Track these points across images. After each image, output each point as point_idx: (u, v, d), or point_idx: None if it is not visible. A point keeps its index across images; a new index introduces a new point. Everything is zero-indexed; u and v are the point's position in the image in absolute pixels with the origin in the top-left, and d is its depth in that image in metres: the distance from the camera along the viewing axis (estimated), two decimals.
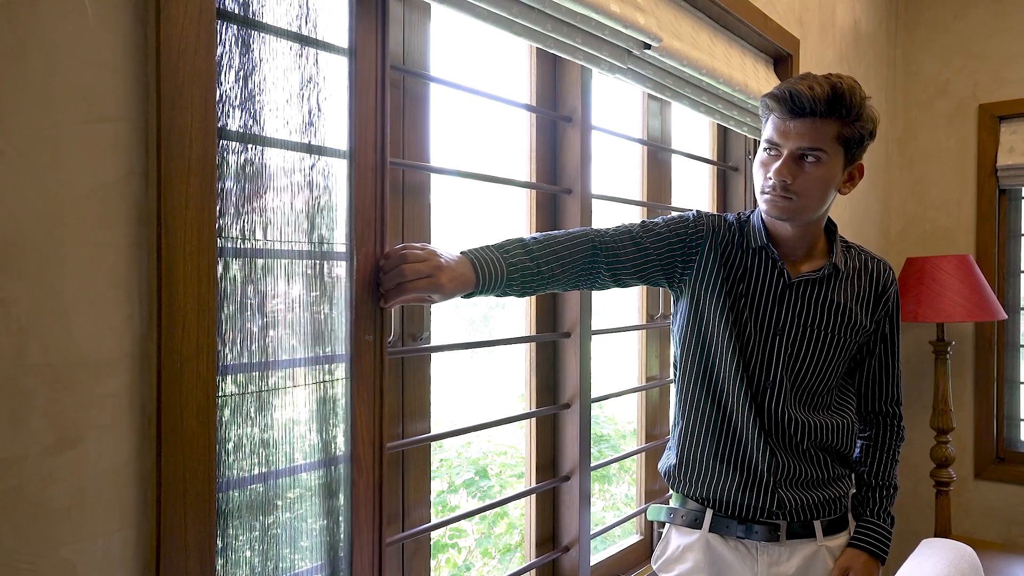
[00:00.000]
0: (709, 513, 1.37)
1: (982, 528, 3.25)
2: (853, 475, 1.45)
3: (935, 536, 2.83)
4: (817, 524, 1.35)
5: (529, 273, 1.19)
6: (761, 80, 2.11)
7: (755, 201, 1.40)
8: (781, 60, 2.34)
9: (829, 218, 1.39)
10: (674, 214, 1.42)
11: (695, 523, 1.38)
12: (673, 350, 1.47)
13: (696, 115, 1.96)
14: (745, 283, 1.35)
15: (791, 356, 1.33)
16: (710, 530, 1.37)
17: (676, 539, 1.41)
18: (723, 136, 2.36)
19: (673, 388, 1.51)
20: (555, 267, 1.22)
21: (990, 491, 3.25)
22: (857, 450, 1.47)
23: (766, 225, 1.35)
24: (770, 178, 1.26)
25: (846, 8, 2.83)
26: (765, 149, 1.29)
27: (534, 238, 1.24)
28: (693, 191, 2.32)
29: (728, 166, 2.34)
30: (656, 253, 1.33)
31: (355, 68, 1.10)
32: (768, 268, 1.35)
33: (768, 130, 1.28)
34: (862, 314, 1.37)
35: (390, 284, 1.09)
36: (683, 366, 1.41)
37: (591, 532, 1.67)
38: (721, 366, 1.35)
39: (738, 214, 1.42)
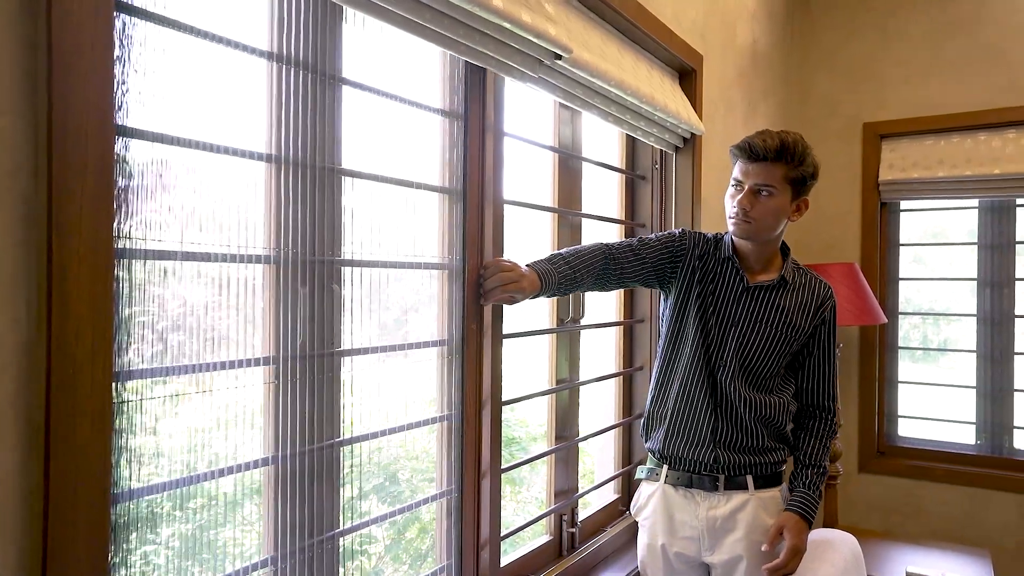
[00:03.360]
0: (665, 468, 1.74)
1: (866, 518, 3.48)
2: (786, 449, 1.75)
3: (823, 527, 3.01)
4: (749, 479, 1.68)
5: (570, 278, 1.58)
6: (667, 93, 2.19)
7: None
8: (686, 75, 2.44)
9: (784, 242, 1.74)
10: (665, 231, 1.80)
11: (655, 477, 1.76)
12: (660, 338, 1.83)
13: (606, 124, 2.02)
14: (714, 284, 1.71)
15: (740, 344, 1.68)
16: (665, 482, 1.74)
17: (644, 489, 1.81)
18: (631, 146, 2.44)
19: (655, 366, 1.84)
20: (584, 273, 1.61)
21: (872, 483, 3.48)
22: (792, 435, 1.78)
23: (733, 242, 1.72)
24: (735, 207, 1.63)
25: (746, 27, 2.97)
26: (732, 185, 1.65)
27: (568, 251, 1.63)
28: (603, 198, 2.38)
29: (636, 175, 2.42)
30: (651, 261, 1.71)
31: (467, 128, 1.52)
32: (732, 275, 1.71)
33: (735, 171, 1.65)
34: (802, 319, 1.71)
35: (490, 287, 1.49)
36: (662, 348, 1.78)
37: (502, 534, 1.69)
38: (687, 349, 1.71)
39: (715, 233, 1.78)
